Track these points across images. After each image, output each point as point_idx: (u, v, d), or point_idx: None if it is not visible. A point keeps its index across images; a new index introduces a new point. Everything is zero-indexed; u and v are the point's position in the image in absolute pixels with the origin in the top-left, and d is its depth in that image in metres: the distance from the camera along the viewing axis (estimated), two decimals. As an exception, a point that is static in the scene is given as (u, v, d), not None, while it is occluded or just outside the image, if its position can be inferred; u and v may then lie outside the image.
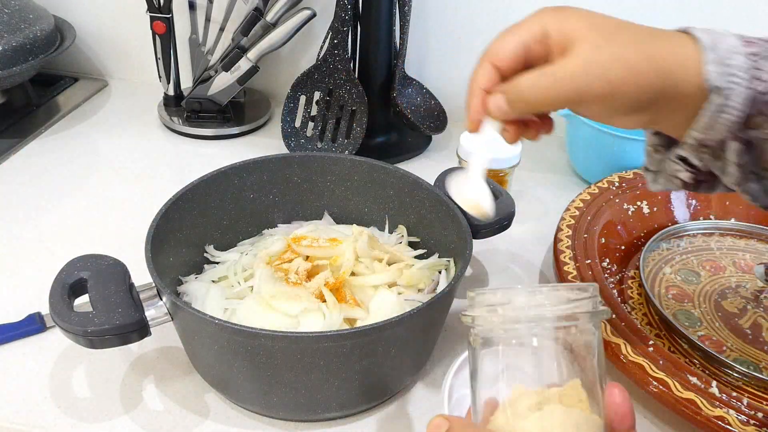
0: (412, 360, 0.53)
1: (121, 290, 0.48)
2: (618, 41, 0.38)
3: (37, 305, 0.60)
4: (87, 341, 0.46)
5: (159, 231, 0.53)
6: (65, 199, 0.76)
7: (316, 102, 0.86)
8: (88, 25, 1.00)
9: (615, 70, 0.37)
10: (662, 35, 0.39)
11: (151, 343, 0.57)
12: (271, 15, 0.82)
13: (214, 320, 0.45)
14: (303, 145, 0.85)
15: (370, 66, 0.84)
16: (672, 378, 0.50)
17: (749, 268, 0.68)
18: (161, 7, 0.85)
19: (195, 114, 0.90)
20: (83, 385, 0.54)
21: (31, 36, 0.85)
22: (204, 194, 0.60)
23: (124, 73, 1.04)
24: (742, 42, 0.38)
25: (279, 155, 0.64)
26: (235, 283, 0.58)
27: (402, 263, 0.59)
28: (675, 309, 0.63)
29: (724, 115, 0.38)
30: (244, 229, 0.65)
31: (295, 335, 0.46)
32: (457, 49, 0.92)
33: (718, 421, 0.47)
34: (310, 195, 0.66)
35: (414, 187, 0.62)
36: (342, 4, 0.79)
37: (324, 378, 0.47)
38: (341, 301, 0.54)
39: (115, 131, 0.91)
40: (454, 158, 0.76)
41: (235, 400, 0.52)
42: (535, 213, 0.77)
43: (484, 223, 0.57)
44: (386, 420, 0.52)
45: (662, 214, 0.73)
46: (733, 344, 0.59)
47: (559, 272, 0.62)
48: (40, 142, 0.87)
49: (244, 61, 0.85)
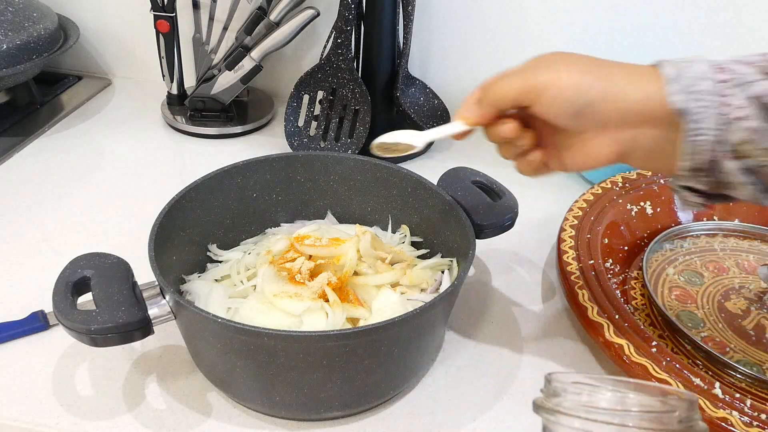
0: (415, 360, 0.53)
1: (125, 289, 0.48)
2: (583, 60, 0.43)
3: (40, 303, 0.60)
4: (90, 339, 0.46)
5: (162, 229, 0.53)
6: (69, 198, 0.77)
7: (320, 101, 0.86)
8: (92, 24, 1.00)
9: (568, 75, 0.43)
10: (634, 70, 0.42)
11: (153, 342, 0.57)
12: (275, 14, 0.82)
13: (217, 319, 0.45)
14: (306, 145, 0.85)
15: (373, 65, 0.84)
16: (675, 379, 0.50)
17: (753, 269, 0.68)
18: (165, 6, 0.85)
19: (198, 113, 0.90)
20: (86, 384, 0.54)
21: (34, 34, 0.85)
22: (207, 193, 0.60)
23: (127, 72, 1.04)
24: (713, 69, 0.40)
25: (282, 154, 0.64)
26: (237, 282, 0.58)
27: (405, 263, 0.59)
28: (678, 310, 0.63)
29: (700, 137, 0.40)
30: (247, 228, 0.65)
31: (297, 334, 0.46)
32: (460, 48, 0.91)
33: (721, 423, 0.47)
34: (313, 194, 0.66)
35: (417, 186, 0.62)
36: (346, 3, 0.79)
37: (326, 377, 0.47)
38: (344, 300, 0.54)
39: (118, 130, 0.91)
40: (457, 158, 0.76)
41: (237, 399, 0.52)
42: (538, 213, 0.77)
43: (485, 223, 0.57)
44: (388, 420, 0.52)
45: (665, 214, 0.73)
46: (737, 345, 0.59)
47: (562, 272, 0.62)
48: (43, 141, 0.87)
49: (248, 60, 0.85)
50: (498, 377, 0.56)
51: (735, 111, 0.39)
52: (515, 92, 0.44)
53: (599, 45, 0.87)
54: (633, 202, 0.72)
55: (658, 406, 0.32)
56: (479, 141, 0.52)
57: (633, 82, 0.42)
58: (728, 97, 0.39)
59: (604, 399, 0.32)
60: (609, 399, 0.32)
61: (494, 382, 0.56)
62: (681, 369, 0.51)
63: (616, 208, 0.71)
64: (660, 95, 0.41)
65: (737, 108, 0.39)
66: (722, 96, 0.39)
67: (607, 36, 0.87)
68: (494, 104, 0.46)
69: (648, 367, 0.51)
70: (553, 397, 0.33)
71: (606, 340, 0.54)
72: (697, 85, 0.40)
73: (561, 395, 0.33)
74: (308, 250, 0.59)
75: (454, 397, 0.55)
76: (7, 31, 0.83)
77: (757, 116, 0.39)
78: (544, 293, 0.66)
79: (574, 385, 0.33)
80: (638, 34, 0.86)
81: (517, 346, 0.60)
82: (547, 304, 0.65)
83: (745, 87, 0.40)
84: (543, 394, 0.34)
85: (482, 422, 0.52)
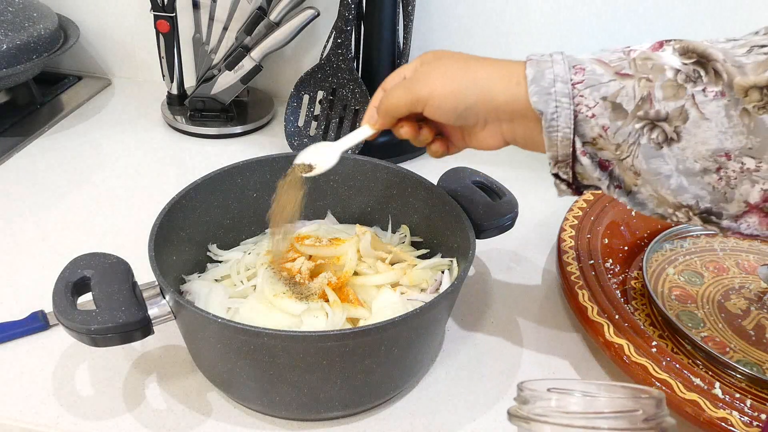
0: (415, 360, 0.53)
1: (125, 289, 0.48)
2: (456, 67, 0.49)
3: (40, 303, 0.60)
4: (90, 339, 0.46)
5: (162, 229, 0.53)
6: (69, 198, 0.77)
7: (320, 101, 0.86)
8: (92, 24, 1.00)
9: (443, 85, 0.48)
10: (506, 72, 0.47)
11: (154, 342, 0.57)
12: (275, 14, 0.82)
13: (217, 319, 0.45)
14: (306, 145, 0.84)
15: (373, 65, 0.84)
16: (675, 379, 0.50)
17: (753, 269, 0.68)
18: (165, 6, 0.85)
19: (198, 113, 0.90)
20: (86, 383, 0.54)
21: (34, 34, 0.85)
22: (207, 193, 0.60)
23: (127, 72, 1.04)
24: (571, 70, 0.45)
25: (282, 154, 0.64)
26: (237, 282, 0.58)
27: (405, 263, 0.59)
28: (678, 310, 0.63)
29: (555, 133, 0.45)
30: (247, 228, 0.65)
31: (297, 334, 0.46)
32: (459, 48, 0.91)
33: (721, 423, 0.47)
34: (314, 194, 0.66)
35: (417, 186, 0.62)
36: (346, 3, 0.79)
37: (326, 377, 0.47)
38: (344, 300, 0.54)
39: (118, 130, 0.91)
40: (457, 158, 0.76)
41: (237, 398, 0.52)
42: (538, 213, 0.77)
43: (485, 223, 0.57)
44: (388, 420, 0.52)
45: (666, 214, 0.73)
46: (737, 345, 0.59)
47: (562, 272, 0.62)
48: (43, 141, 0.87)
49: (248, 60, 0.85)
50: (498, 377, 0.56)
51: (587, 110, 0.44)
52: (404, 105, 0.50)
53: (599, 44, 0.87)
54: (633, 202, 0.72)
55: (627, 405, 0.33)
56: (479, 141, 0.52)
57: (503, 83, 0.46)
58: (581, 97, 0.44)
59: (574, 403, 0.33)
60: (578, 402, 0.33)
61: (494, 382, 0.56)
62: (681, 369, 0.51)
63: (616, 208, 0.71)
64: (524, 96, 0.45)
65: (589, 108, 0.44)
66: (575, 97, 0.44)
67: (606, 36, 0.87)
68: (390, 114, 0.51)
69: (648, 367, 0.51)
70: (525, 405, 0.34)
71: (606, 340, 0.54)
72: (552, 87, 0.44)
73: (532, 402, 0.34)
74: (308, 250, 0.59)
75: (454, 397, 0.55)
76: (7, 31, 0.83)
77: (607, 115, 0.44)
78: (544, 293, 0.66)
79: (545, 392, 0.34)
80: (636, 32, 0.86)
81: (517, 347, 0.60)
82: (547, 304, 0.65)
83: (596, 87, 0.44)
84: (516, 402, 0.35)
85: (482, 422, 0.52)
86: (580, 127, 0.45)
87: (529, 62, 0.46)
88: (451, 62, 0.49)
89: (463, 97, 0.47)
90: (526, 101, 0.45)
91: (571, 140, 0.45)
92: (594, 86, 0.44)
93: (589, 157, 0.46)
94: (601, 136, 0.44)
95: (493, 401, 0.54)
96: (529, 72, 0.45)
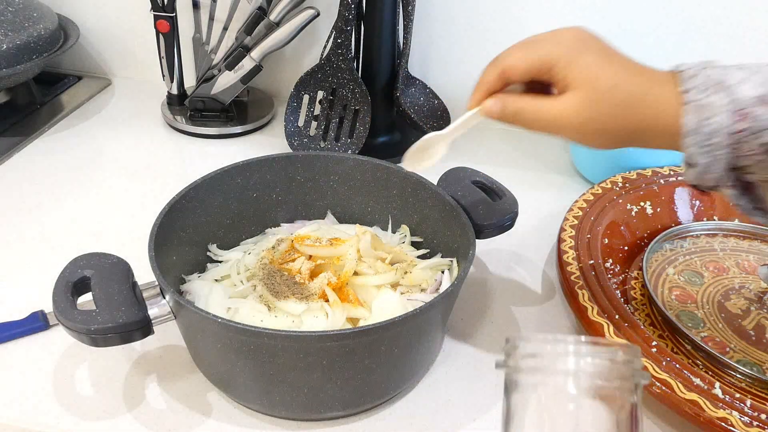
0: (415, 360, 0.53)
1: (125, 289, 0.48)
2: (609, 102, 0.44)
3: (40, 303, 0.60)
4: (90, 339, 0.46)
5: (162, 229, 0.53)
6: (68, 198, 0.77)
7: (320, 101, 0.86)
8: (92, 24, 1.00)
9: (596, 133, 0.45)
10: (654, 97, 0.44)
11: (153, 342, 0.57)
12: (275, 14, 0.82)
13: (217, 319, 0.45)
14: (306, 145, 0.85)
15: (373, 65, 0.84)
16: (675, 379, 0.50)
17: (753, 269, 0.68)
18: (165, 6, 0.85)
19: (198, 113, 0.90)
20: (86, 384, 0.54)
21: (34, 34, 0.85)
22: (207, 193, 0.60)
23: (127, 72, 1.04)
24: (734, 116, 0.41)
25: (282, 154, 0.64)
26: (237, 282, 0.58)
27: (405, 263, 0.59)
28: (678, 310, 0.63)
29: (708, 175, 0.43)
30: (247, 228, 0.65)
31: (297, 334, 0.46)
32: (460, 48, 0.92)
33: (721, 423, 0.47)
34: (313, 194, 0.66)
35: (417, 186, 0.62)
36: (346, 3, 0.79)
37: (326, 377, 0.47)
38: (344, 300, 0.54)
39: (118, 130, 0.91)
40: (457, 158, 0.76)
41: (237, 398, 0.52)
42: (538, 213, 0.77)
43: (485, 223, 0.57)
44: (388, 420, 0.52)
45: (666, 214, 0.73)
46: (737, 345, 0.59)
47: (562, 272, 0.62)
48: (43, 141, 0.87)
49: (248, 60, 0.85)
50: (498, 377, 0.56)
51: (745, 152, 0.42)
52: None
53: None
54: (633, 202, 0.72)
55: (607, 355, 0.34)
56: (479, 141, 0.52)
57: (652, 107, 0.44)
58: (741, 144, 0.41)
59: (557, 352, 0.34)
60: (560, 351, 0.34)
61: (494, 382, 0.56)
62: (681, 369, 0.51)
63: (616, 208, 0.71)
64: (675, 129, 0.43)
65: (749, 151, 0.42)
66: (736, 145, 0.41)
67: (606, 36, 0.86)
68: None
69: (648, 367, 0.51)
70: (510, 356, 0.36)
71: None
72: (712, 139, 0.42)
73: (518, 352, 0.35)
74: (308, 250, 0.59)
75: (454, 397, 0.55)
76: (7, 31, 0.83)
77: (765, 158, 0.41)
78: (544, 293, 0.66)
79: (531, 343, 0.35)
80: (638, 38, 0.86)
81: (517, 346, 0.60)
82: (547, 304, 0.65)
83: (759, 135, 0.41)
84: (504, 353, 0.36)
85: (482, 422, 0.52)
86: (733, 161, 0.42)
87: (690, 107, 0.42)
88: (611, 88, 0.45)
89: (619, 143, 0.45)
90: (674, 136, 0.43)
91: (719, 178, 0.43)
92: (757, 133, 0.41)
93: (733, 187, 0.44)
94: (753, 166, 0.42)
95: (493, 401, 0.54)
96: (689, 120, 0.42)
